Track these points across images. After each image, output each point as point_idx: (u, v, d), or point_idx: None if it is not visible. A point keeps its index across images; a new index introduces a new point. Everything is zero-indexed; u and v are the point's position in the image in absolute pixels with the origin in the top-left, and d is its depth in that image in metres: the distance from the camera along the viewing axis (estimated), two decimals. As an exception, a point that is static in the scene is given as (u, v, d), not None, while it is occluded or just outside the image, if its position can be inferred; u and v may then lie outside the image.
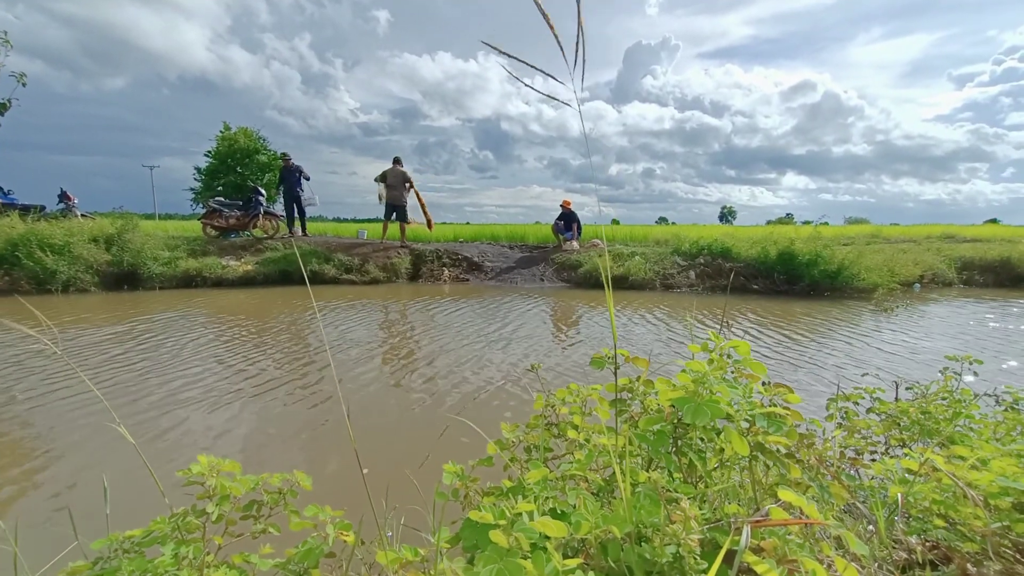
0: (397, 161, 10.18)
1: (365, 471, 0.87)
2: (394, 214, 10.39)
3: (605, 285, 0.66)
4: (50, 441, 2.66)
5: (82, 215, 10.71)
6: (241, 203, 11.05)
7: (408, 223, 10.66)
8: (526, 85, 0.66)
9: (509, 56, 0.65)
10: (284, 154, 10.92)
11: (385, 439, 2.74)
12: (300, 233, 11.16)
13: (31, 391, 3.38)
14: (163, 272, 8.59)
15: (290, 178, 10.57)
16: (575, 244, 11.38)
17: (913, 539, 0.83)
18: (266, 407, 3.14)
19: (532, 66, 0.64)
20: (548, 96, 0.66)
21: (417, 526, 1.26)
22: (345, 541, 0.82)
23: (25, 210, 9.63)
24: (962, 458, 0.95)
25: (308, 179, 10.79)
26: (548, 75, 0.63)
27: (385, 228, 10.84)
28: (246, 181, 19.15)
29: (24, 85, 7.73)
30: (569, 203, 11.60)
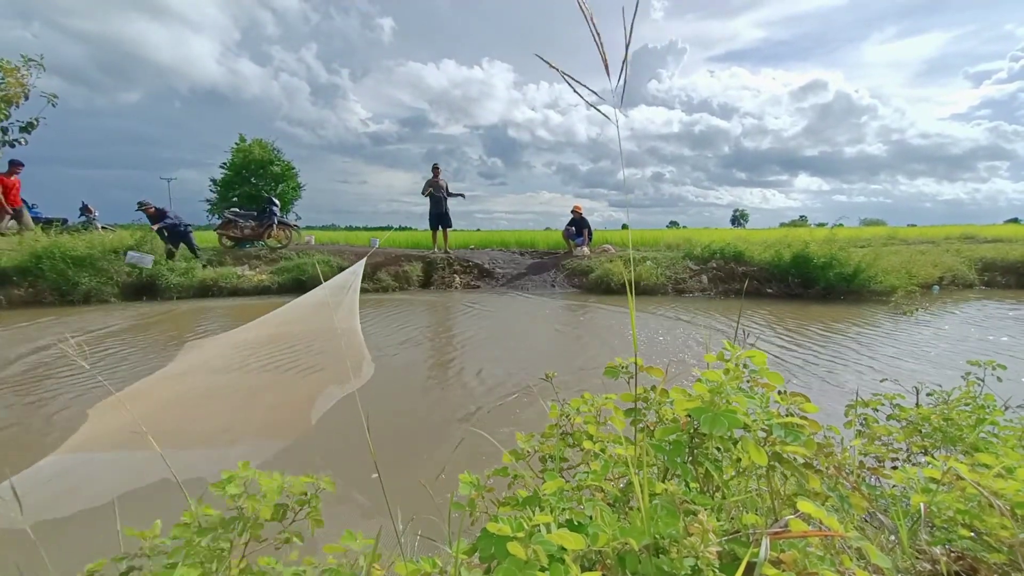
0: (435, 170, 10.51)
1: (374, 476, 0.88)
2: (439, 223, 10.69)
3: (628, 293, 0.66)
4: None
5: (102, 227, 10.97)
6: (256, 213, 11.22)
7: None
8: (583, 99, 0.67)
9: (559, 71, 0.66)
10: (144, 203, 9.51)
11: (402, 449, 2.76)
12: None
13: (54, 400, 3.46)
14: (180, 282, 8.74)
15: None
16: (586, 250, 11.36)
17: (937, 549, 0.81)
18: (286, 414, 3.18)
19: (574, 79, 0.65)
20: (594, 106, 0.67)
21: (433, 536, 1.26)
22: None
23: (48, 223, 9.89)
24: (987, 466, 0.93)
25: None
26: (585, 86, 0.64)
27: (435, 238, 11.02)
28: (260, 192, 19.48)
29: (55, 106, 7.97)
30: (580, 208, 11.59)
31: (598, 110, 0.68)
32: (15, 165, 9.52)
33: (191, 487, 0.85)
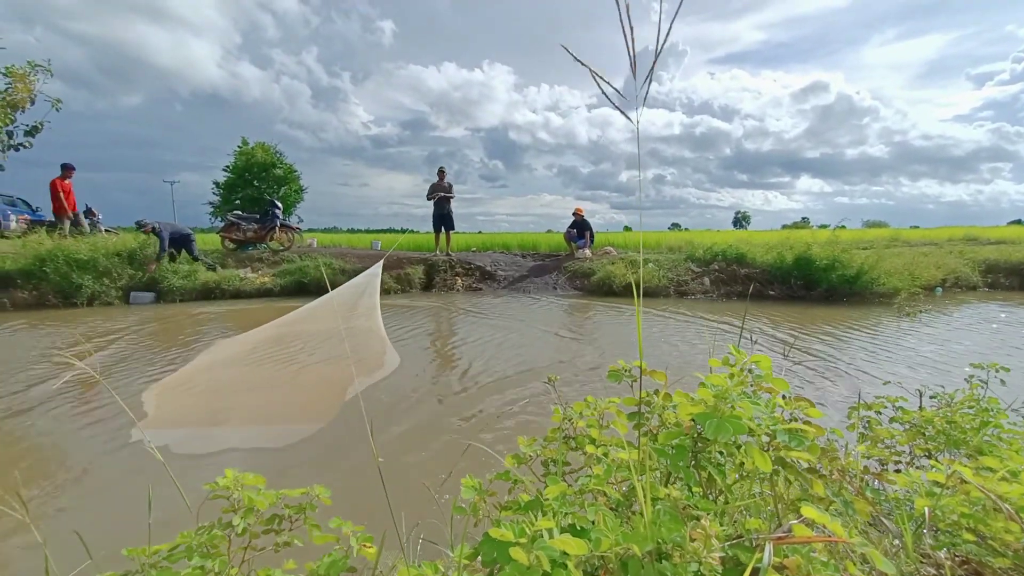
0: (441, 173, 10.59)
1: (381, 460, 0.88)
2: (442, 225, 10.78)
3: (636, 296, 0.66)
4: (77, 457, 2.72)
5: (106, 230, 11.02)
6: (258, 216, 11.25)
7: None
8: (608, 98, 0.67)
9: (584, 64, 0.67)
10: (141, 223, 9.22)
11: (405, 455, 2.75)
12: None
13: (55, 408, 3.47)
14: (183, 285, 8.76)
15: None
16: (587, 252, 11.36)
17: (942, 554, 0.81)
18: (288, 419, 3.18)
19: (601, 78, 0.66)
20: (617, 107, 0.68)
21: (435, 539, 1.26)
22: (365, 556, 0.83)
23: (52, 226, 9.93)
24: (991, 469, 0.93)
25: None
26: (609, 83, 0.64)
27: (437, 240, 11.11)
28: (263, 194, 19.51)
29: (58, 110, 8.03)
30: (581, 211, 11.59)
31: (621, 111, 0.68)
32: (67, 169, 9.46)
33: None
